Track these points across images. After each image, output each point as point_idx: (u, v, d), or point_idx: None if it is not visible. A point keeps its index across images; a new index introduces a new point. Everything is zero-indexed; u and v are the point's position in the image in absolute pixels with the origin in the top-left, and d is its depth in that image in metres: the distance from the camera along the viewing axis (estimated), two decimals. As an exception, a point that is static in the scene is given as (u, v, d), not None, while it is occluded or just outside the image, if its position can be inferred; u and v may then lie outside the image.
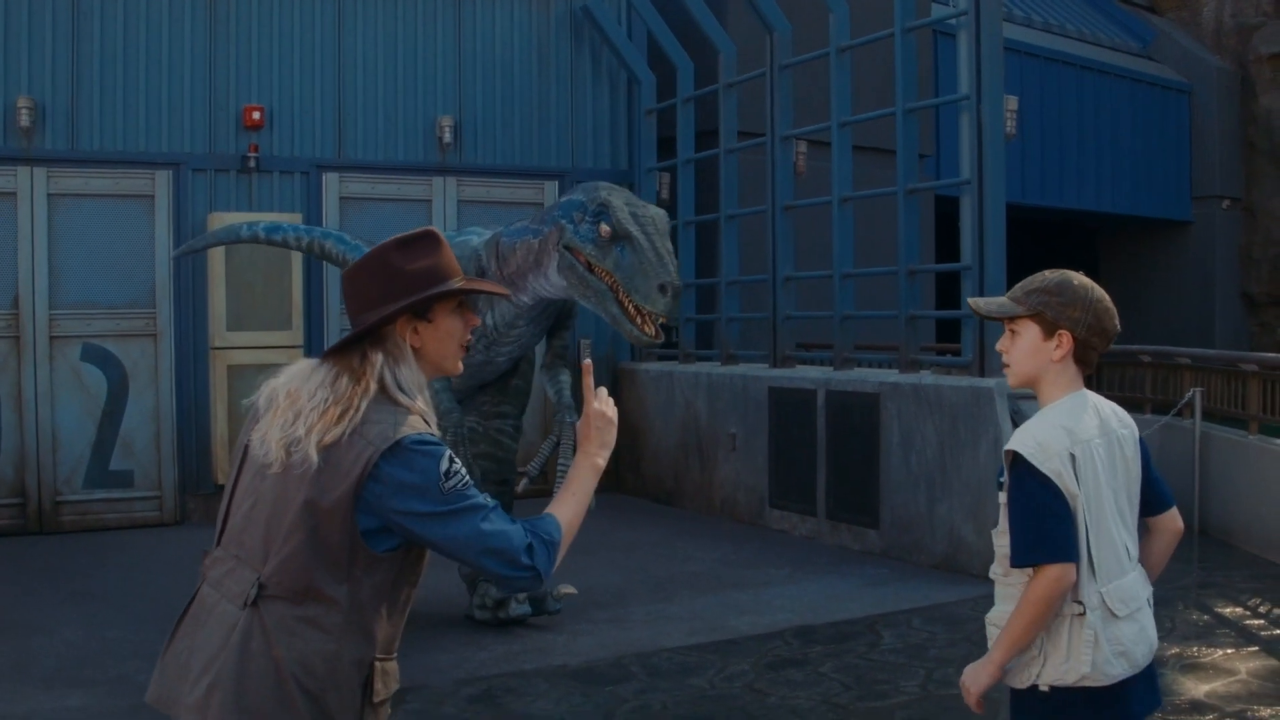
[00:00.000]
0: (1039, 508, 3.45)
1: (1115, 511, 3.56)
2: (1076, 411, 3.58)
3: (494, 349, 8.48)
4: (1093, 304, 3.58)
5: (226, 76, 13.30)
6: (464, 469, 3.06)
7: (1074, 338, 3.58)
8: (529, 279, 8.01)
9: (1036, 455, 3.46)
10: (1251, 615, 8.97)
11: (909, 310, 11.22)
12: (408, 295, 3.13)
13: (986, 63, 10.38)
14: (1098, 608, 3.48)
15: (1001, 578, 3.63)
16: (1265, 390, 11.63)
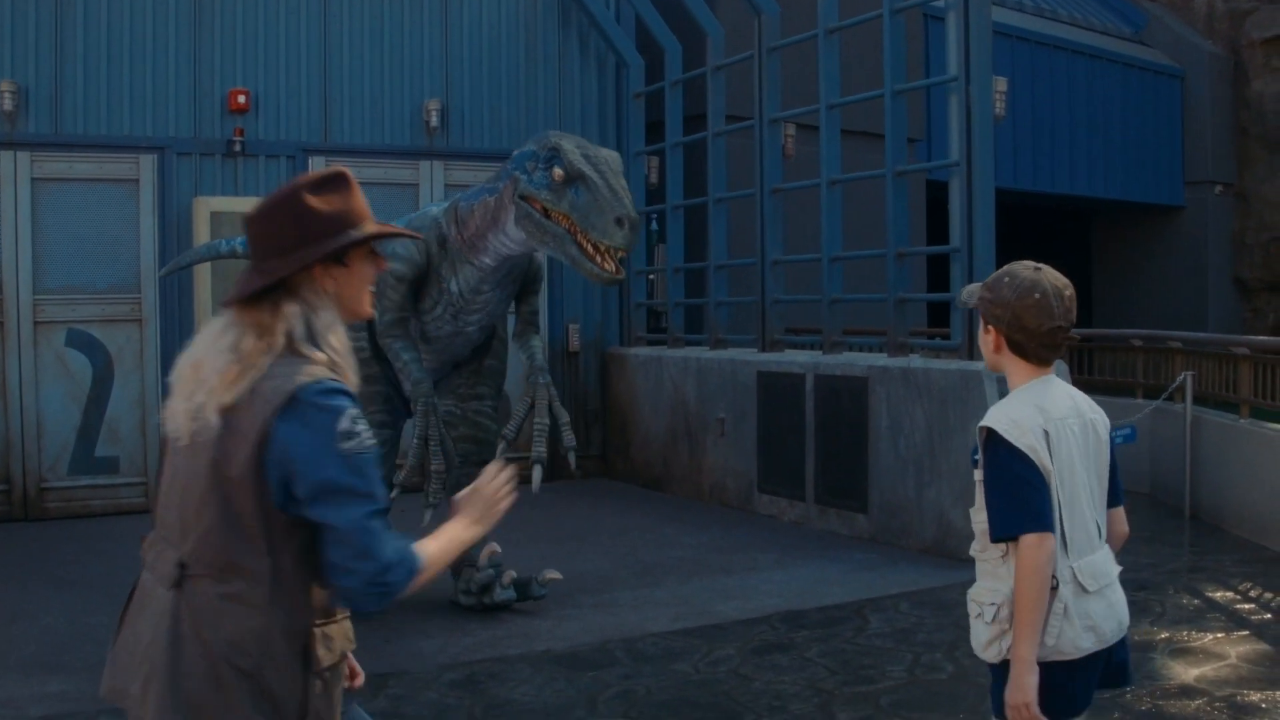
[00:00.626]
0: (1014, 479, 3.50)
1: (1087, 489, 3.63)
2: (1048, 392, 3.64)
3: (462, 317, 8.42)
4: (1013, 302, 3.61)
5: (211, 60, 13.19)
6: (370, 436, 2.92)
7: (999, 333, 3.65)
8: (489, 238, 8.03)
9: (1011, 431, 3.52)
10: (1242, 599, 8.92)
11: (898, 293, 11.15)
12: (325, 239, 2.96)
13: (975, 43, 10.30)
14: (1069, 582, 3.54)
15: (980, 554, 3.67)
16: (1257, 374, 11.57)
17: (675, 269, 14.38)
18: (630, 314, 15.12)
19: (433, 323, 8.45)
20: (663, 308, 14.83)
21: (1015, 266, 3.67)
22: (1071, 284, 3.70)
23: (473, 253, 8.14)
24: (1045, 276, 3.63)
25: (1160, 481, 13.12)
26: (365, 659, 7.65)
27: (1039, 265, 3.67)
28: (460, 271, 8.23)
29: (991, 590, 3.61)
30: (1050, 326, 3.60)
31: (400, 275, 8.22)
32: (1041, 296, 3.58)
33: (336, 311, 3.03)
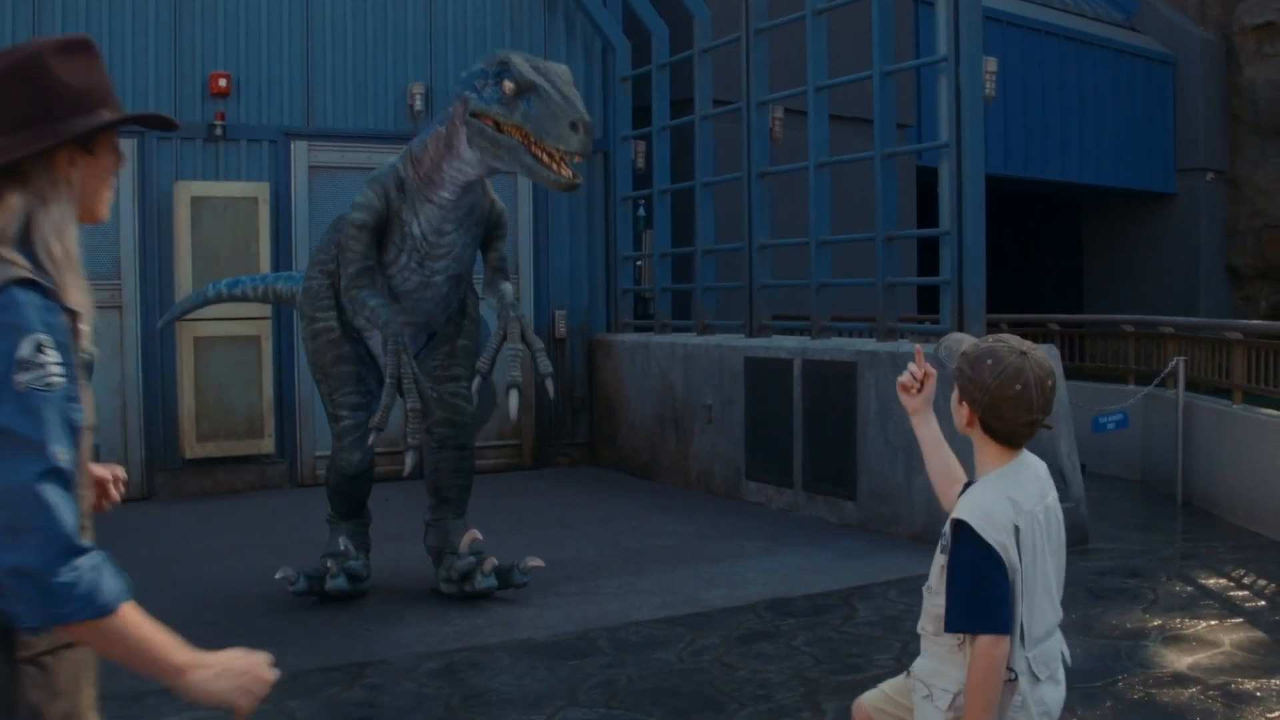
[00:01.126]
0: (981, 577, 3.41)
1: (1046, 578, 3.54)
2: (1021, 481, 3.54)
3: (428, 264, 8.24)
4: (993, 389, 3.45)
5: (192, 43, 13.02)
6: (61, 371, 2.30)
7: (972, 412, 3.52)
8: (444, 168, 7.93)
9: (984, 526, 3.41)
10: (1235, 586, 8.79)
11: (886, 277, 11.01)
12: (73, 117, 2.46)
13: (965, 23, 10.16)
14: (1025, 673, 3.49)
15: (931, 635, 3.61)
16: (1250, 359, 11.44)
17: (662, 254, 14.24)
18: (617, 300, 14.98)
19: (399, 274, 8.25)
20: (650, 293, 14.68)
21: (1000, 347, 3.50)
22: (1054, 370, 3.58)
23: (431, 188, 8.04)
24: (1029, 365, 3.46)
25: (1152, 468, 13.00)
26: (342, 647, 7.56)
27: (1026, 349, 3.51)
28: (421, 212, 8.11)
29: (945, 676, 3.54)
30: (1026, 420, 3.48)
31: (361, 224, 8.11)
32: (1023, 389, 3.44)
33: (74, 209, 2.50)
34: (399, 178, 8.15)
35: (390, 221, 8.15)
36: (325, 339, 8.59)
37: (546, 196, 14.62)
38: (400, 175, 8.16)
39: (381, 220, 8.14)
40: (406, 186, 8.12)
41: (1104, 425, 11.90)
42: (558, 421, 14.83)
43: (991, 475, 3.53)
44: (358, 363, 8.57)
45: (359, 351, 8.56)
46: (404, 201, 8.12)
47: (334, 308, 8.55)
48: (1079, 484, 10.10)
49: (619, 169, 14.91)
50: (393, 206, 8.13)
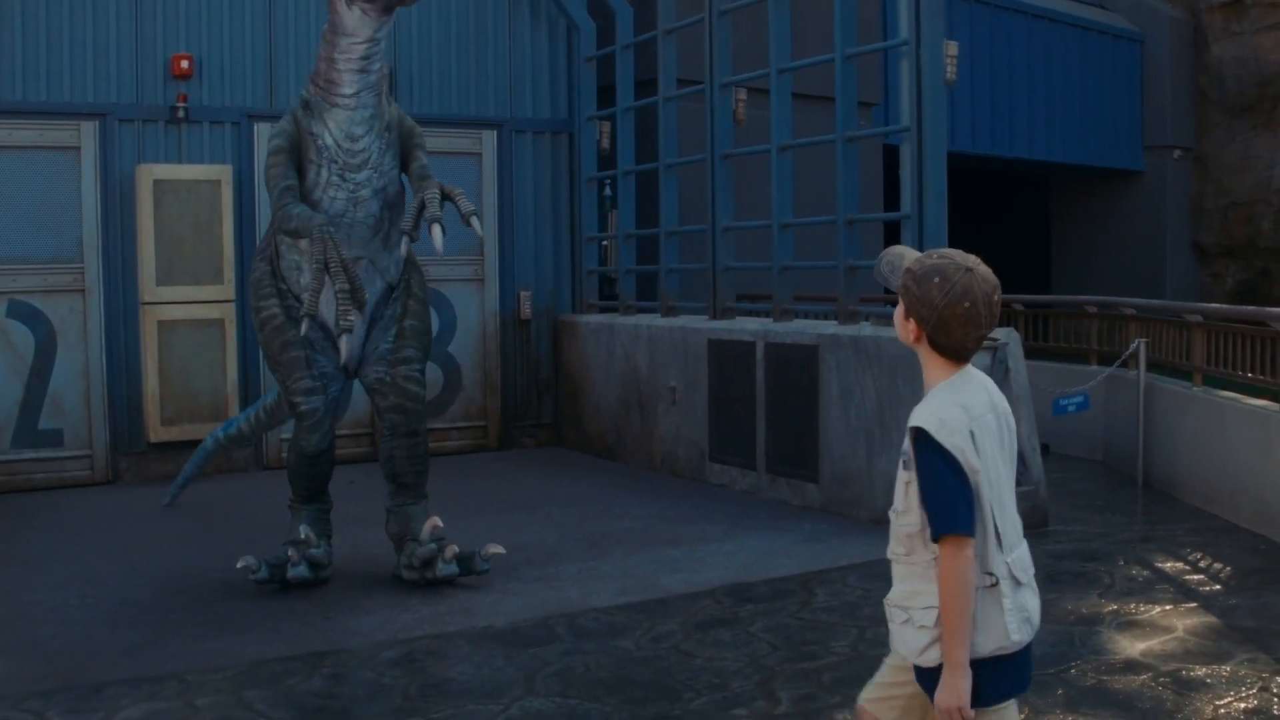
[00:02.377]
0: (941, 480, 3.47)
1: (1006, 484, 3.62)
2: (970, 389, 3.62)
3: (349, 175, 8.26)
4: (940, 308, 3.52)
5: (154, 24, 12.92)
6: None
7: (920, 328, 3.59)
8: (336, 59, 8.05)
9: (940, 432, 3.48)
10: (1191, 570, 8.86)
11: (848, 260, 11.03)
12: None
13: (926, 6, 10.17)
14: (1007, 577, 3.54)
15: (904, 557, 3.64)
16: (1209, 341, 11.51)
17: (627, 235, 14.23)
18: (582, 281, 14.98)
19: (324, 194, 8.26)
20: (615, 274, 14.68)
21: (946, 264, 3.55)
22: (999, 283, 3.62)
23: (332, 90, 8.14)
24: (976, 281, 3.52)
25: (1114, 449, 13.09)
26: (303, 634, 7.59)
27: (971, 264, 3.56)
28: (329, 119, 8.18)
29: (922, 595, 3.57)
30: (975, 335, 3.55)
31: (276, 149, 8.28)
32: (971, 305, 3.50)
33: None
34: (303, 100, 8.34)
35: (304, 143, 8.26)
36: (271, 326, 8.58)
37: (511, 177, 14.62)
38: (304, 97, 8.34)
39: (294, 143, 8.27)
40: (311, 103, 8.25)
41: (1065, 407, 11.97)
42: (523, 403, 14.85)
43: (942, 385, 3.59)
44: (307, 346, 8.52)
45: (310, 336, 8.50)
46: (312, 118, 8.23)
47: (275, 294, 8.57)
48: (1038, 466, 10.16)
49: (584, 149, 14.89)
50: (302, 127, 8.26)
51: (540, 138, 14.92)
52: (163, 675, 6.80)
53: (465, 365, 14.41)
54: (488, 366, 14.53)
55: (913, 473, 3.53)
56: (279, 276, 8.57)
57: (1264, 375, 10.55)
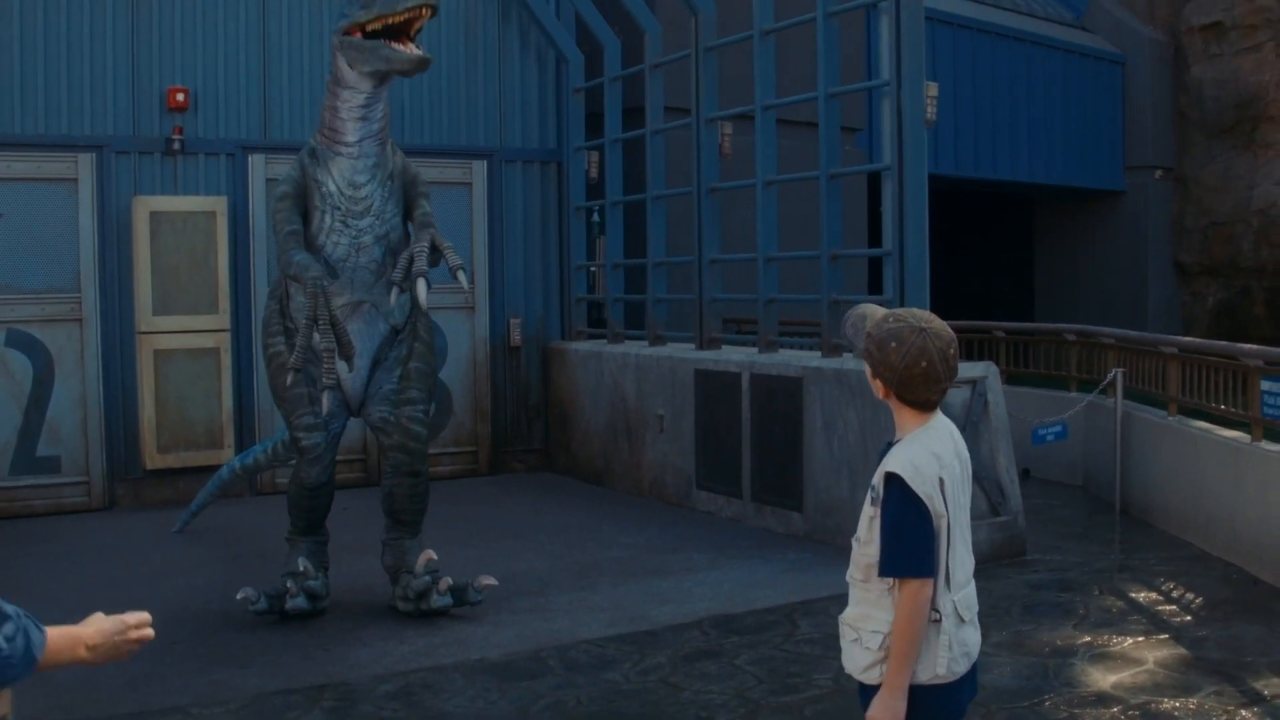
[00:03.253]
0: (909, 525, 3.74)
1: (963, 526, 3.92)
2: (940, 437, 3.89)
3: (352, 221, 8.54)
4: (900, 369, 3.79)
5: (150, 57, 13.17)
6: None
7: (885, 386, 3.87)
8: (339, 108, 8.41)
9: (914, 478, 3.75)
10: (1164, 600, 9.10)
11: (831, 294, 11.29)
12: None
13: (906, 49, 10.43)
14: (950, 615, 3.82)
15: (860, 583, 3.91)
16: (1184, 373, 11.78)
17: (615, 265, 14.48)
18: (571, 308, 15.22)
19: (328, 239, 8.54)
20: (603, 302, 14.92)
21: (901, 329, 3.79)
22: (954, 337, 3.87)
23: (335, 139, 8.47)
24: (930, 341, 3.76)
25: (1092, 476, 13.35)
26: (302, 668, 7.79)
27: (925, 324, 3.80)
28: (333, 167, 8.48)
29: (873, 619, 3.84)
30: (937, 389, 3.83)
31: (282, 194, 8.56)
32: (928, 365, 3.76)
33: None
34: (310, 148, 8.64)
35: (309, 189, 8.53)
36: (277, 364, 8.84)
37: (501, 206, 14.86)
38: (311, 145, 8.65)
39: (300, 189, 8.54)
40: (318, 152, 8.55)
41: (1044, 437, 12.23)
42: (513, 428, 15.09)
43: (915, 433, 3.86)
44: (310, 384, 8.73)
45: (311, 373, 8.71)
46: (317, 165, 8.52)
47: (283, 332, 8.85)
48: (1016, 497, 10.40)
49: (572, 179, 15.15)
50: (309, 174, 8.54)
51: (529, 167, 15.18)
52: (167, 709, 7.01)
53: (456, 391, 14.63)
54: (478, 393, 14.76)
55: (879, 509, 3.81)
56: (287, 316, 8.82)
57: (1236, 408, 10.81)
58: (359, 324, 8.72)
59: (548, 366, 15.20)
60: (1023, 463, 12.81)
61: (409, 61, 8.05)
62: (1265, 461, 9.80)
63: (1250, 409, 10.37)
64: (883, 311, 3.99)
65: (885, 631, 3.78)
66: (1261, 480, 9.80)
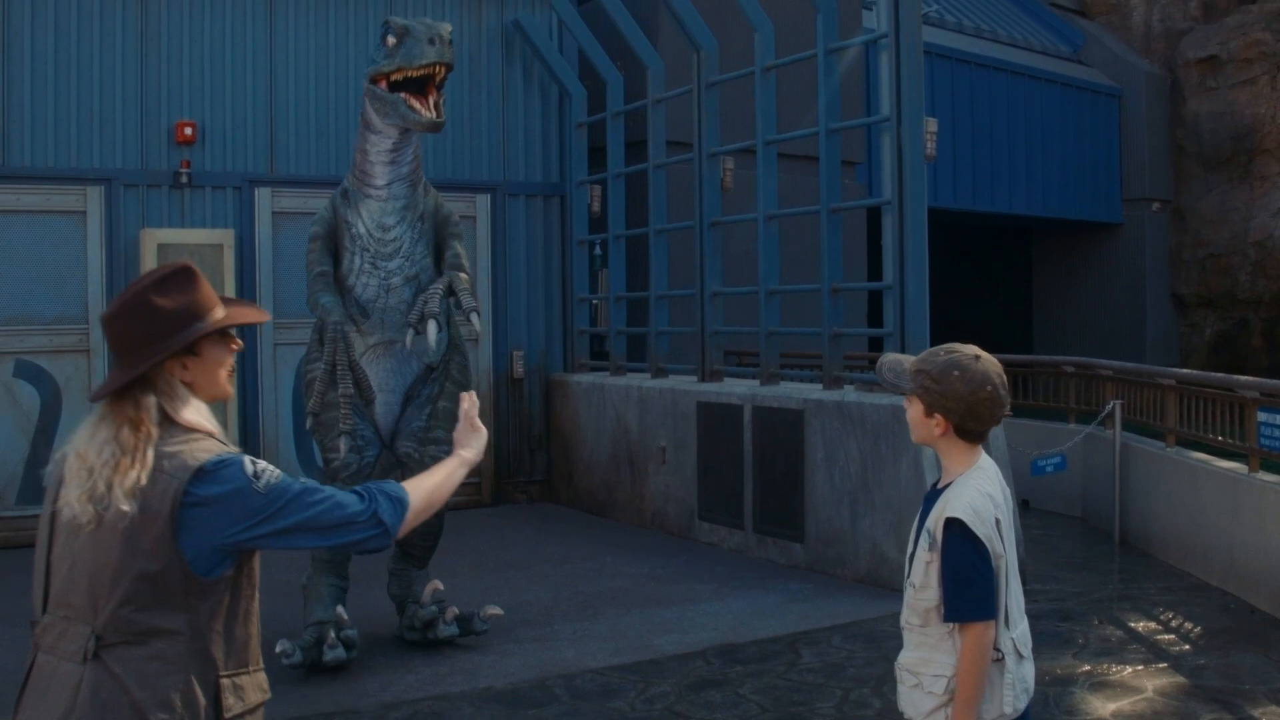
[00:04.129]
0: (973, 569, 3.77)
1: (1014, 564, 3.92)
2: (989, 477, 3.89)
3: (381, 264, 8.62)
4: (968, 397, 3.80)
5: (158, 92, 13.33)
6: (270, 467, 3.19)
7: (946, 421, 3.85)
8: (369, 152, 8.52)
9: (975, 522, 3.76)
10: (1163, 630, 9.20)
11: (832, 328, 11.41)
12: (171, 335, 3.22)
13: (906, 86, 10.57)
14: (1011, 653, 3.85)
15: (918, 628, 3.90)
16: (1182, 404, 11.90)
17: (617, 297, 14.61)
18: (574, 340, 15.35)
19: (358, 280, 8.64)
20: (606, 334, 15.05)
21: (959, 357, 3.84)
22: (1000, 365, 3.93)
23: (365, 182, 8.58)
24: (989, 367, 3.82)
25: (1092, 507, 13.45)
26: (311, 695, 7.87)
27: (978, 353, 3.87)
28: (363, 209, 8.59)
29: (934, 664, 3.86)
30: (1000, 414, 3.85)
31: (314, 235, 8.69)
32: (993, 390, 3.81)
33: (191, 395, 3.29)
34: (343, 189, 8.76)
35: (340, 230, 8.64)
36: (314, 388, 8.85)
37: (505, 239, 15.00)
38: (344, 186, 8.77)
39: (331, 229, 8.65)
40: (349, 193, 8.67)
41: (1043, 468, 12.34)
42: (516, 460, 15.19)
43: (969, 474, 3.87)
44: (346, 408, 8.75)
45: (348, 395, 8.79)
46: (349, 206, 8.63)
47: (320, 358, 8.86)
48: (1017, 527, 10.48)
49: (575, 212, 15.29)
50: (340, 215, 8.66)
51: (533, 201, 15.33)
52: (179, 737, 7.08)
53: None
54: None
55: (936, 555, 3.82)
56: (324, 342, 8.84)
57: (1233, 439, 10.92)
58: (391, 362, 8.81)
59: (550, 398, 15.31)
60: (1022, 494, 12.93)
61: (420, 123, 8.14)
62: (1263, 492, 9.91)
63: (1248, 440, 10.48)
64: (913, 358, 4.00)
65: (949, 675, 3.79)
66: (1259, 510, 9.91)
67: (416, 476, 3.46)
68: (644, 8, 14.94)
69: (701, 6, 13.28)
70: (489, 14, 15.16)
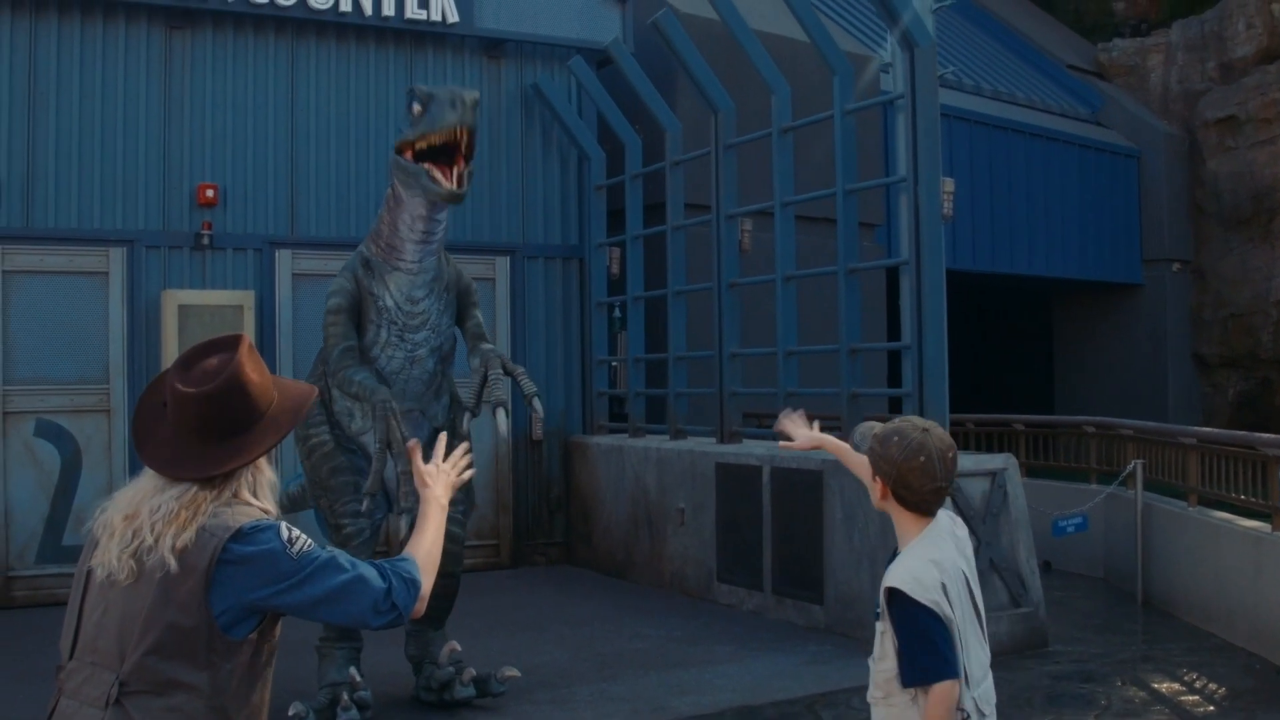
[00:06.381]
0: (924, 631, 3.79)
1: (974, 624, 3.96)
2: (939, 543, 3.94)
3: (408, 336, 8.52)
4: (899, 463, 3.89)
5: (180, 154, 13.45)
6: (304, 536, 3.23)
7: (884, 485, 3.95)
8: (398, 225, 8.35)
9: (915, 589, 3.81)
10: (1187, 691, 9.12)
11: (851, 388, 11.39)
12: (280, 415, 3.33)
13: (923, 147, 10.60)
14: (974, 711, 3.88)
15: (882, 700, 3.94)
16: (1204, 463, 11.84)
17: (636, 359, 14.63)
18: (593, 402, 15.36)
19: (382, 352, 8.51)
20: (625, 396, 15.06)
21: (905, 425, 3.95)
22: (954, 445, 3.99)
23: (394, 255, 8.41)
24: (931, 440, 3.90)
25: (1114, 567, 13.37)
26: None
27: (928, 426, 3.95)
28: (391, 281, 8.45)
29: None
30: (932, 488, 3.90)
31: (336, 307, 8.45)
32: (926, 460, 3.87)
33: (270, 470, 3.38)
34: (364, 258, 8.55)
35: (364, 301, 8.46)
36: (320, 453, 8.79)
37: (524, 301, 15.05)
38: (365, 255, 8.56)
39: (355, 301, 8.46)
40: (372, 264, 8.48)
41: (1064, 529, 12.28)
42: (535, 521, 15.16)
43: (913, 544, 3.92)
44: (354, 472, 8.73)
45: (355, 462, 8.75)
46: (373, 278, 8.45)
47: (325, 422, 8.80)
48: (1037, 588, 10.44)
49: (594, 274, 15.34)
50: (363, 286, 8.46)
51: (552, 263, 15.39)
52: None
53: (478, 484, 14.61)
54: (499, 485, 14.86)
55: (888, 624, 3.87)
56: (329, 410, 8.80)
57: (1256, 498, 10.86)
58: (409, 428, 8.66)
59: (569, 460, 15.30)
60: (1043, 555, 12.83)
61: (440, 194, 7.98)
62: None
63: (1270, 498, 10.44)
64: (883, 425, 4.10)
65: None
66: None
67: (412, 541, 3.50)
68: (662, 70, 15.03)
69: (719, 69, 13.36)
70: (508, 78, 15.28)
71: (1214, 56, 28.38)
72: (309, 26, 14.05)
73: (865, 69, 17.35)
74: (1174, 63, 29.02)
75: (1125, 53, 29.81)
